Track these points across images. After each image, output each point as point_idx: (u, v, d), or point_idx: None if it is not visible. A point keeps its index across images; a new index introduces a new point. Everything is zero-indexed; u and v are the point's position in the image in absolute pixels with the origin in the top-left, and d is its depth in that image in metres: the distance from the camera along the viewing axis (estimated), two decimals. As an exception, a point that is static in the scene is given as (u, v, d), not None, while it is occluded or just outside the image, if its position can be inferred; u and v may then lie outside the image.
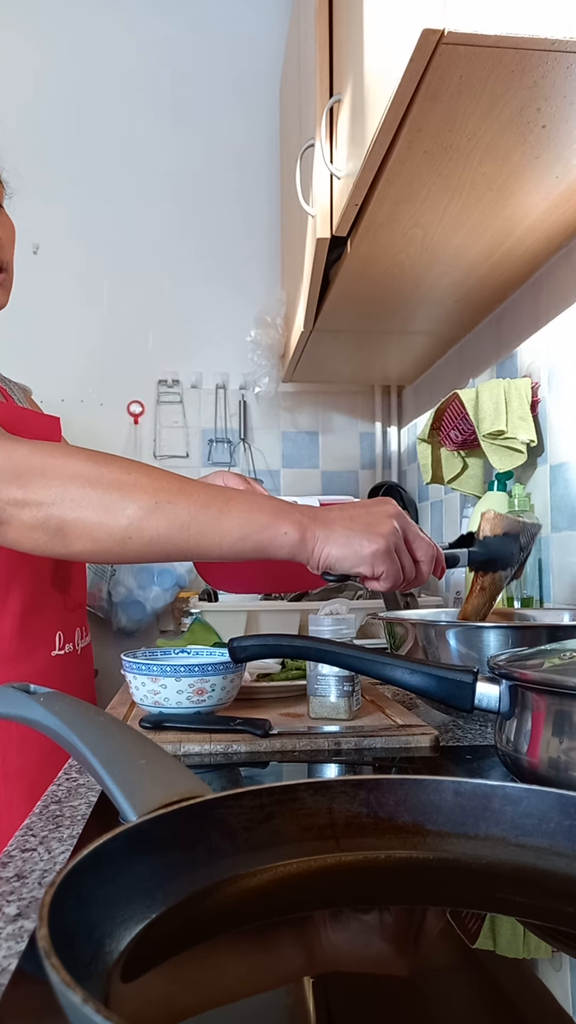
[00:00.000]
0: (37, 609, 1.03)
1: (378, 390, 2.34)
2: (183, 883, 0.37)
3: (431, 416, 1.58)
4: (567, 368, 1.28)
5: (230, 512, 0.76)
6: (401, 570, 0.77)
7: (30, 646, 1.02)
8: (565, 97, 0.86)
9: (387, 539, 0.76)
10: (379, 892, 0.41)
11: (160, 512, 0.75)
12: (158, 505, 0.75)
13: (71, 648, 1.09)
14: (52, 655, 1.05)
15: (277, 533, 0.75)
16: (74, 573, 1.13)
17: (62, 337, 2.28)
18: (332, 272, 1.45)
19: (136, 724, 0.79)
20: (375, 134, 0.95)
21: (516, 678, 0.57)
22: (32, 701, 0.47)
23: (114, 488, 0.76)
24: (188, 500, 0.76)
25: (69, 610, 1.11)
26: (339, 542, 0.75)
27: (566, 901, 0.39)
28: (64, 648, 1.07)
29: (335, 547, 0.75)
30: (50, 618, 1.06)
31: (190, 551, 0.77)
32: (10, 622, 1.00)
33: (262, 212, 2.35)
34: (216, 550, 0.76)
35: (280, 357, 2.19)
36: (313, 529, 0.76)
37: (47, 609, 1.06)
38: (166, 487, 0.77)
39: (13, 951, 0.38)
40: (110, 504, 0.75)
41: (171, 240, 2.34)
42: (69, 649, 1.09)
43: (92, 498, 0.75)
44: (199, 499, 0.76)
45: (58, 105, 2.31)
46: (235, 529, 0.75)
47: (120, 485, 0.76)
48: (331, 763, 0.71)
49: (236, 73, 2.36)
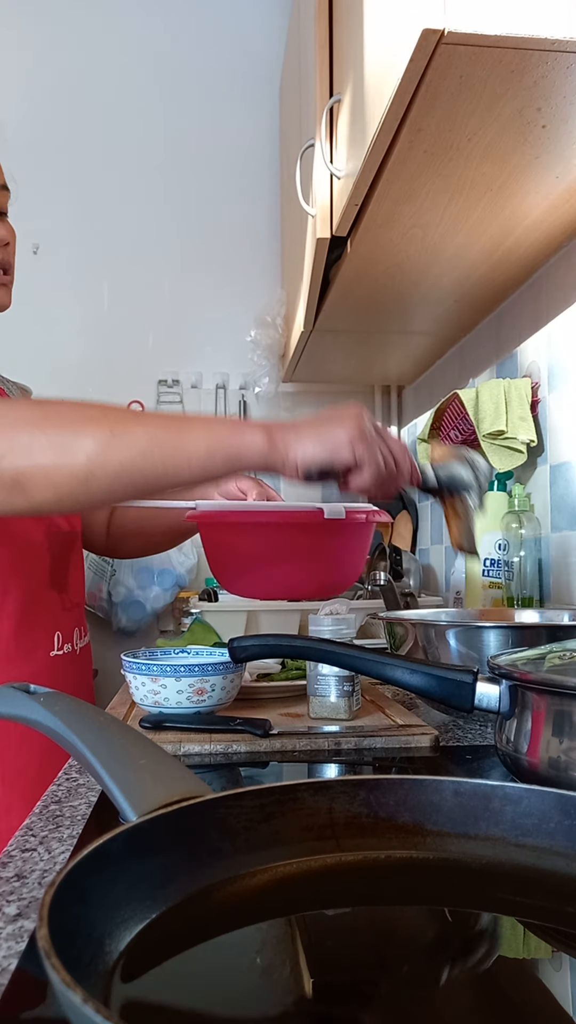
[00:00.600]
0: (35, 609, 1.03)
1: (378, 390, 2.34)
2: (183, 883, 0.37)
3: (431, 416, 1.58)
4: (567, 368, 1.28)
5: (190, 430, 0.73)
6: (380, 457, 0.74)
7: (28, 646, 1.02)
8: (565, 97, 0.86)
9: (357, 421, 0.73)
10: (379, 892, 0.41)
11: (118, 442, 0.71)
12: (114, 435, 0.71)
13: (70, 648, 1.09)
14: (51, 655, 1.05)
15: (243, 442, 0.73)
16: (72, 573, 1.13)
17: (62, 337, 2.28)
18: (332, 272, 1.45)
19: (136, 724, 0.79)
20: (375, 134, 0.95)
21: (516, 678, 0.57)
22: (32, 701, 0.47)
23: (64, 426, 0.72)
24: (144, 425, 0.73)
25: (67, 610, 1.10)
26: (310, 438, 0.73)
27: (566, 901, 0.39)
28: (63, 648, 1.07)
29: (307, 443, 0.73)
30: (48, 618, 1.06)
31: (158, 478, 0.73)
32: (8, 623, 1.00)
33: (262, 212, 2.35)
34: (186, 471, 0.73)
35: (280, 357, 2.18)
36: (280, 433, 0.73)
37: (45, 609, 1.05)
38: (118, 417, 0.73)
39: (13, 951, 0.38)
40: (63, 443, 0.71)
41: (171, 240, 2.34)
42: (68, 649, 1.08)
43: (42, 441, 0.71)
44: (155, 423, 0.74)
45: (58, 105, 2.31)
46: (200, 446, 0.72)
47: (70, 422, 0.72)
48: (331, 763, 0.71)
49: (236, 73, 2.36)
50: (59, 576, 1.09)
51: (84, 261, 2.30)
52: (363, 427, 0.74)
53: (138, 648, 0.97)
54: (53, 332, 2.27)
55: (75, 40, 2.32)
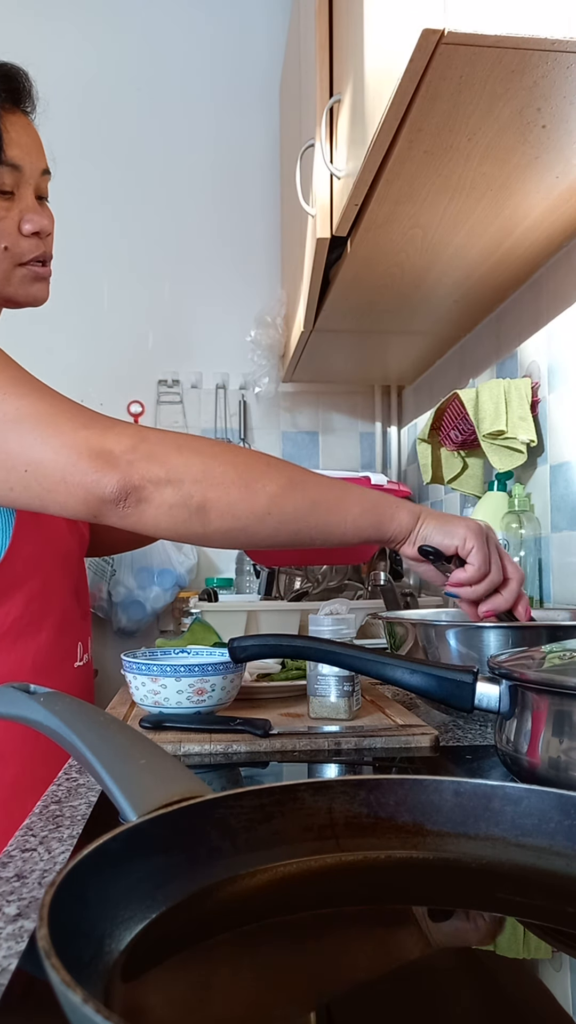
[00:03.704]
0: (66, 621, 1.02)
1: (378, 390, 2.34)
2: (183, 883, 0.37)
3: (431, 416, 1.58)
4: (567, 368, 1.28)
5: (349, 492, 0.81)
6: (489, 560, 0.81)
7: (58, 659, 1.01)
8: (565, 97, 0.86)
9: (479, 526, 0.82)
10: (379, 892, 0.41)
11: (295, 490, 0.78)
12: (292, 484, 0.79)
13: (87, 658, 1.08)
14: (75, 667, 1.04)
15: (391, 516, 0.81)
16: (83, 580, 1.13)
17: (62, 337, 2.28)
18: (332, 272, 1.45)
19: (136, 724, 0.79)
20: (375, 134, 0.95)
21: (516, 678, 0.57)
22: (32, 701, 0.47)
23: (251, 468, 0.78)
24: (314, 481, 0.81)
25: (83, 619, 1.09)
26: (437, 521, 0.82)
27: (566, 901, 0.39)
28: (83, 659, 1.06)
29: (433, 524, 0.82)
30: (74, 629, 1.05)
31: (319, 531, 0.80)
32: (46, 635, 0.99)
33: (262, 212, 2.35)
34: (340, 527, 0.80)
35: (280, 357, 2.18)
36: (424, 515, 0.82)
37: (72, 620, 1.04)
38: (294, 469, 0.81)
39: (13, 951, 0.38)
40: (250, 482, 0.77)
41: (171, 240, 2.34)
42: (86, 660, 1.08)
43: (233, 476, 0.77)
44: (321, 480, 0.81)
45: (57, 105, 2.30)
46: (355, 507, 0.80)
47: (255, 465, 0.79)
48: (331, 763, 0.71)
49: (236, 73, 2.36)
50: (78, 583, 1.09)
51: (84, 261, 2.30)
52: (482, 531, 0.82)
53: (138, 648, 0.97)
54: (53, 332, 2.27)
55: (75, 40, 2.32)
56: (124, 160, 2.33)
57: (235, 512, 0.77)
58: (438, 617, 1.03)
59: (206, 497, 0.76)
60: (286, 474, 0.79)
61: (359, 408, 2.37)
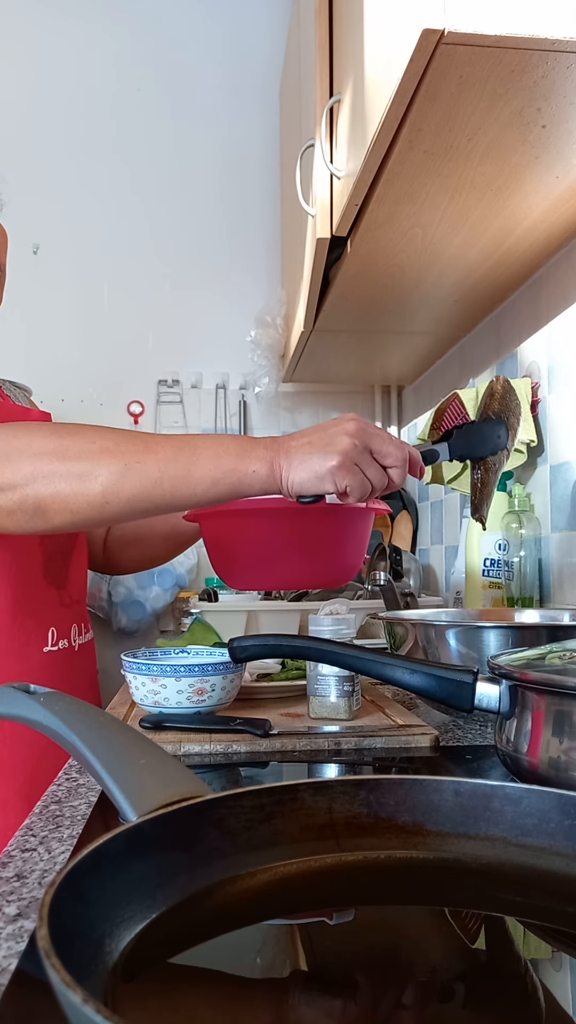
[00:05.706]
0: (28, 605, 1.03)
1: (378, 390, 2.34)
2: (183, 883, 0.37)
3: (431, 416, 1.57)
4: (567, 368, 1.28)
5: (198, 462, 0.79)
6: (367, 480, 0.79)
7: (21, 641, 1.02)
8: (565, 97, 0.86)
9: (343, 455, 0.77)
10: (379, 892, 0.41)
11: (131, 473, 0.78)
12: (128, 467, 0.78)
13: (66, 644, 1.09)
14: (44, 651, 1.05)
15: (246, 472, 0.79)
16: (72, 570, 1.13)
17: (62, 337, 2.28)
18: (332, 272, 1.45)
19: (136, 724, 0.79)
20: (375, 134, 0.95)
21: (516, 678, 0.57)
22: (32, 701, 0.47)
23: (83, 458, 0.78)
24: (156, 457, 0.79)
25: (65, 606, 1.10)
26: (299, 467, 0.78)
27: (566, 901, 0.39)
28: (58, 644, 1.07)
29: (297, 472, 0.78)
30: (43, 614, 1.06)
31: (167, 505, 0.80)
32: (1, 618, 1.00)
33: (262, 212, 2.35)
34: (191, 500, 0.79)
35: (280, 357, 2.18)
36: (278, 460, 0.79)
37: (39, 604, 1.05)
38: (132, 448, 0.79)
39: (13, 951, 0.38)
40: (82, 474, 0.78)
41: (171, 240, 2.34)
42: (64, 645, 1.08)
43: (62, 471, 0.78)
44: (166, 454, 0.79)
45: (58, 105, 2.31)
46: (206, 476, 0.78)
47: (87, 454, 0.78)
48: (331, 763, 0.71)
49: (236, 73, 2.36)
50: (57, 572, 1.09)
51: (84, 261, 2.30)
52: (347, 460, 0.78)
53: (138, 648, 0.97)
54: (53, 332, 2.27)
55: (74, 41, 2.32)
56: (124, 160, 2.33)
57: (71, 507, 0.78)
58: (438, 617, 1.03)
59: (39, 496, 0.78)
60: (121, 458, 0.78)
61: (359, 408, 2.37)
